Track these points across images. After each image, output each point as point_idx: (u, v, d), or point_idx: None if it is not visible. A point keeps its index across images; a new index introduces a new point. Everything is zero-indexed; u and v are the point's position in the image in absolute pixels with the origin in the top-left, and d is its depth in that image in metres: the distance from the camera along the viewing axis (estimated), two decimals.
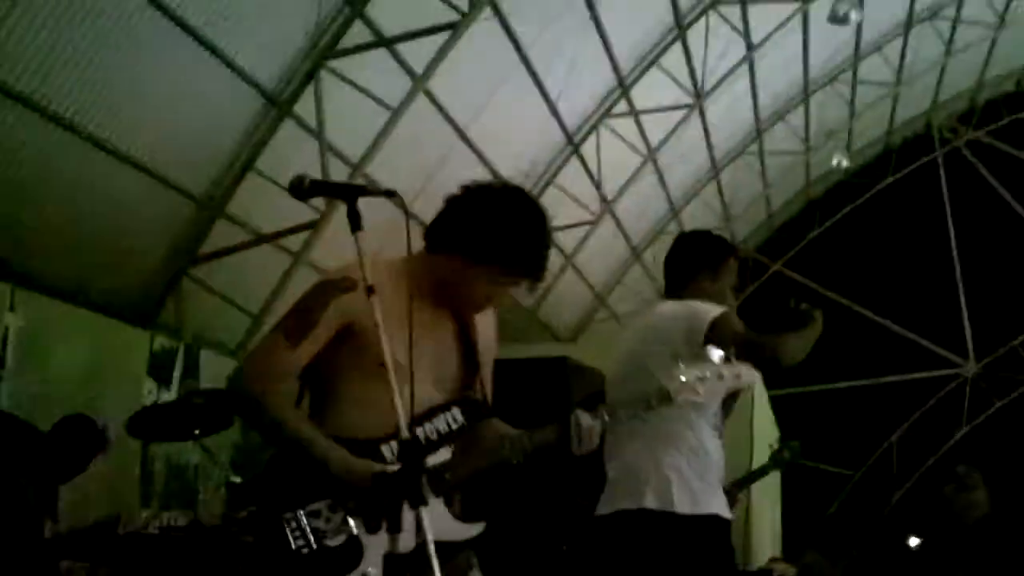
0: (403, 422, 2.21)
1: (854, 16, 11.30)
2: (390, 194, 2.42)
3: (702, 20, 10.96)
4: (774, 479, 10.78)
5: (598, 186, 11.71)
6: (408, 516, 2.26)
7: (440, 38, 8.24)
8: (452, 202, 2.79)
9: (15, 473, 4.67)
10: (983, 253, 16.52)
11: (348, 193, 2.39)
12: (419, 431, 2.65)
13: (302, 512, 2.55)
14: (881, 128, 16.40)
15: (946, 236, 16.80)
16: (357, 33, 8.02)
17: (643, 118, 11.50)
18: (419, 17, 8.10)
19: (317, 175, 7.62)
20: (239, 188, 8.17)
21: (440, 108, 9.10)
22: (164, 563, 4.79)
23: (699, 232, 4.09)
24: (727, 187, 14.33)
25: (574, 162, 11.31)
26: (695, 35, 11.00)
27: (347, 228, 2.39)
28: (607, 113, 11.22)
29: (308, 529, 2.53)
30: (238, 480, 4.67)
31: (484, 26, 8.58)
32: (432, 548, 2.13)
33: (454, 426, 2.73)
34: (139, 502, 7.06)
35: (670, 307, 3.60)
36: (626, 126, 11.49)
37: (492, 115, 9.72)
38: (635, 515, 3.45)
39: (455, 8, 8.07)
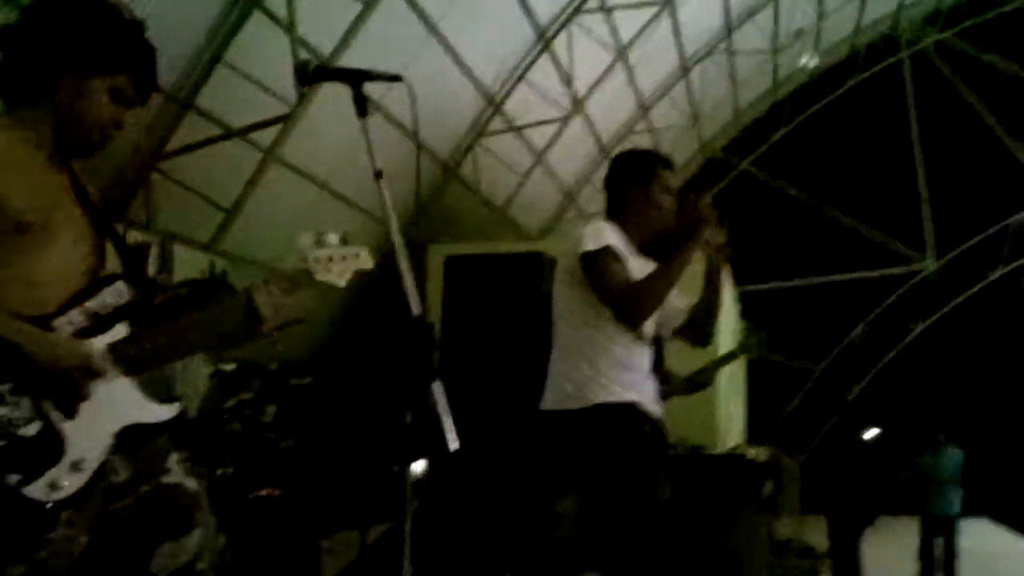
0: (415, 303, 2.24)
1: None
2: (395, 79, 2.44)
3: None
4: (739, 371, 11.03)
5: (569, 83, 11.66)
6: (96, 397, 2.18)
7: None
8: (26, 21, 2.37)
9: None
10: (945, 153, 16.74)
11: (354, 78, 2.40)
12: (88, 305, 2.33)
13: None
14: (848, 29, 16.39)
15: (909, 137, 16.99)
16: None
17: (614, 16, 11.41)
18: None
19: (288, 70, 7.61)
20: (208, 82, 8.06)
21: (411, 2, 8.98)
22: None
23: (629, 151, 4.17)
24: (696, 87, 14.32)
25: (545, 59, 11.23)
26: None
27: (314, 126, 2.37)
28: (578, 9, 11.10)
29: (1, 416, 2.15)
30: (228, 369, 4.70)
31: None
32: None
33: (122, 301, 2.40)
34: None
35: (581, 231, 3.69)
36: (597, 23, 11.40)
37: (463, 10, 9.60)
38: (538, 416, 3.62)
39: None
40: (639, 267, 3.59)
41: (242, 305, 2.43)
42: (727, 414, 8.93)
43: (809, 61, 15.21)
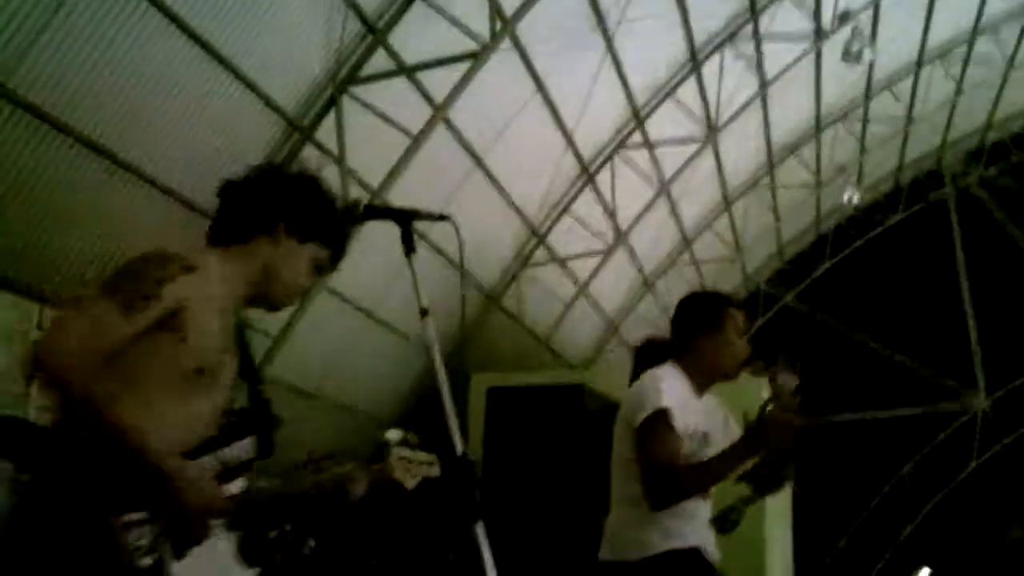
0: (458, 442, 2.24)
1: (867, 54, 11.44)
2: (443, 218, 2.48)
3: (717, 55, 11.09)
4: (786, 508, 10.75)
5: (612, 216, 11.79)
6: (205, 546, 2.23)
7: (460, 66, 8.36)
8: (254, 185, 2.59)
9: None
10: (993, 290, 16.59)
11: (403, 217, 2.44)
12: (221, 453, 2.42)
13: (126, 520, 2.17)
14: (891, 165, 16.49)
15: (955, 273, 16.88)
16: (379, 61, 8.15)
17: (657, 150, 11.60)
18: (439, 45, 8.23)
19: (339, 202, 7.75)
20: None
21: (458, 136, 9.21)
22: None
23: (698, 293, 4.17)
24: (739, 219, 14.42)
25: (589, 192, 11.39)
26: (710, 69, 11.12)
27: (361, 249, 2.41)
28: (622, 144, 11.32)
29: (130, 543, 2.16)
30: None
31: (503, 55, 8.71)
32: None
33: (246, 456, 2.50)
34: None
35: (637, 384, 3.65)
36: (640, 158, 11.60)
37: (509, 144, 9.83)
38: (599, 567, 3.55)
39: (475, 38, 8.19)
40: (695, 411, 3.55)
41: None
42: (771, 554, 8.68)
43: (852, 196, 15.27)
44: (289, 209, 2.51)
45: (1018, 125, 16.90)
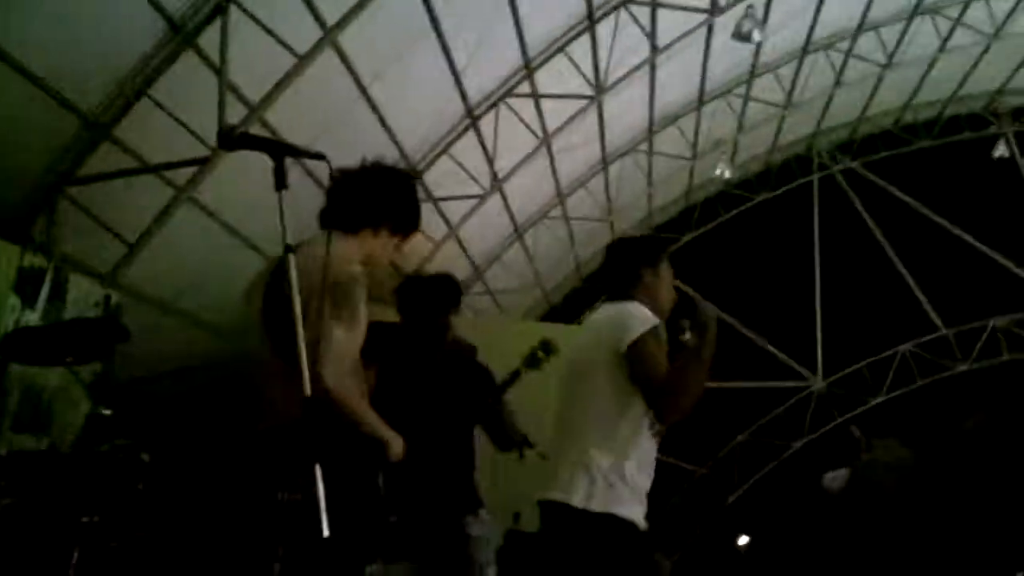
0: (306, 382, 2.30)
1: (756, 35, 11.69)
2: (319, 157, 2.46)
3: (612, 16, 11.16)
4: None
5: (491, 163, 11.81)
6: None
7: None
8: (364, 178, 3.14)
9: None
10: (843, 277, 17.33)
11: (277, 151, 2.42)
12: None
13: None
14: (765, 146, 16.99)
15: (811, 256, 17.57)
16: None
17: (543, 102, 11.64)
18: None
19: (213, 111, 7.58)
20: (130, 113, 7.96)
21: (347, 63, 9.04)
22: (17, 487, 4.69)
23: (630, 236, 4.30)
24: (613, 181, 14.64)
25: (471, 137, 11.37)
26: (605, 30, 11.19)
27: (234, 170, 2.43)
28: (510, 92, 11.32)
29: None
30: (107, 412, 4.58)
31: None
32: None
33: None
34: None
35: (612, 309, 3.73)
36: (526, 110, 11.62)
37: (396, 78, 9.70)
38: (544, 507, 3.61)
39: None
40: None
41: None
42: None
43: (724, 171, 15.70)
44: (395, 209, 3.15)
45: (888, 122, 17.62)
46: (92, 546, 3.94)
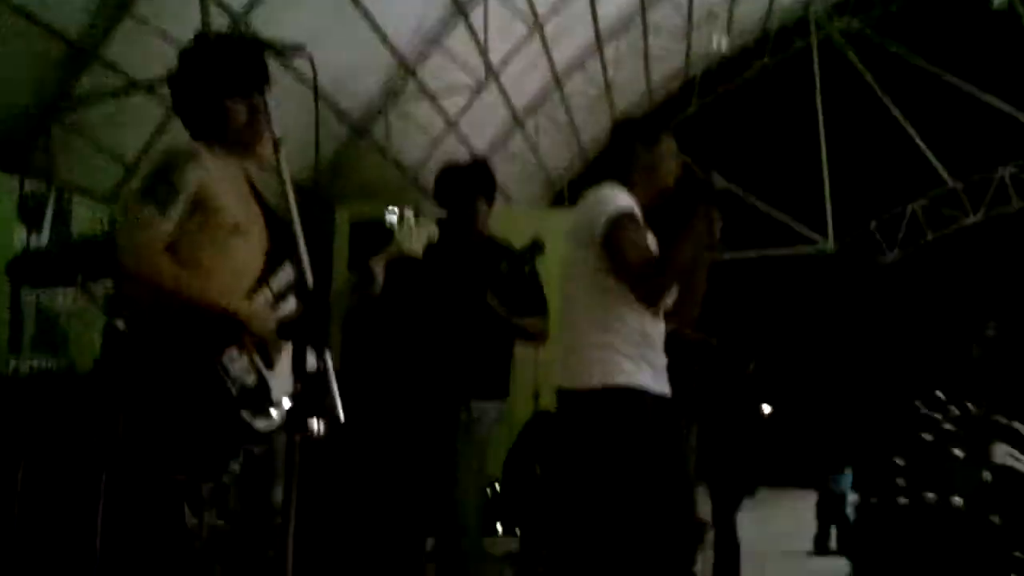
0: (308, 275, 2.34)
1: None
2: (298, 48, 2.45)
3: None
4: None
5: (484, 53, 11.65)
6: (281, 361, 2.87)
7: None
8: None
9: None
10: (848, 138, 17.18)
11: (253, 48, 2.41)
12: (271, 282, 3.00)
13: (225, 358, 2.79)
14: (760, 11, 16.66)
15: (815, 120, 17.37)
16: None
17: None
18: None
19: (196, 24, 7.49)
20: (114, 32, 7.88)
21: None
22: (38, 407, 4.81)
23: (631, 117, 4.31)
24: (609, 62, 14.43)
25: (461, 27, 11.20)
26: None
27: None
28: None
29: (232, 373, 2.79)
30: (121, 325, 4.63)
31: None
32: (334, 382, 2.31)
33: (291, 279, 2.89)
34: (6, 348, 6.97)
35: (589, 198, 3.76)
36: None
37: None
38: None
39: None
40: (647, 235, 3.66)
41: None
42: None
43: (720, 42, 15.44)
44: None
45: None
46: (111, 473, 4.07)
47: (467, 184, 4.70)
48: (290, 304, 2.93)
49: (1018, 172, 17.32)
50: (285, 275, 2.97)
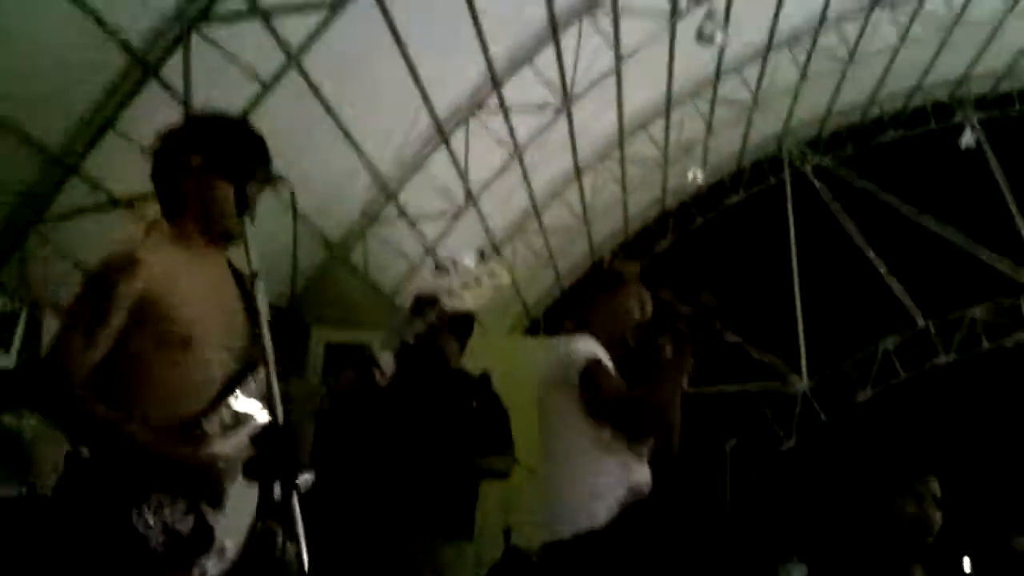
0: (279, 410, 2.24)
1: (718, 37, 11.73)
2: (278, 179, 2.43)
3: (575, 26, 11.17)
4: None
5: (464, 178, 11.79)
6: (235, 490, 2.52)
7: (317, 15, 8.18)
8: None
9: None
10: (821, 275, 17.35)
11: (238, 176, 2.39)
12: (233, 407, 2.63)
13: (146, 507, 2.46)
14: (736, 147, 17.04)
15: (788, 255, 17.59)
16: (233, 1, 7.90)
17: (513, 116, 11.64)
18: None
19: None
20: (96, 147, 7.91)
21: (313, 88, 9.01)
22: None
23: (599, 261, 4.32)
24: (587, 191, 14.65)
25: (442, 153, 11.35)
26: (568, 41, 11.19)
27: None
28: (479, 106, 11.30)
29: (156, 522, 2.46)
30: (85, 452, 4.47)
31: (361, 5, 8.56)
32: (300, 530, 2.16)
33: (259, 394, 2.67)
34: None
35: (556, 350, 3.75)
36: (496, 122, 11.61)
37: (363, 98, 9.67)
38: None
39: None
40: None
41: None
42: None
43: (696, 175, 15.74)
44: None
45: (855, 117, 17.72)
46: None
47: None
48: (253, 425, 2.61)
49: (986, 315, 17.46)
50: (255, 387, 2.64)
